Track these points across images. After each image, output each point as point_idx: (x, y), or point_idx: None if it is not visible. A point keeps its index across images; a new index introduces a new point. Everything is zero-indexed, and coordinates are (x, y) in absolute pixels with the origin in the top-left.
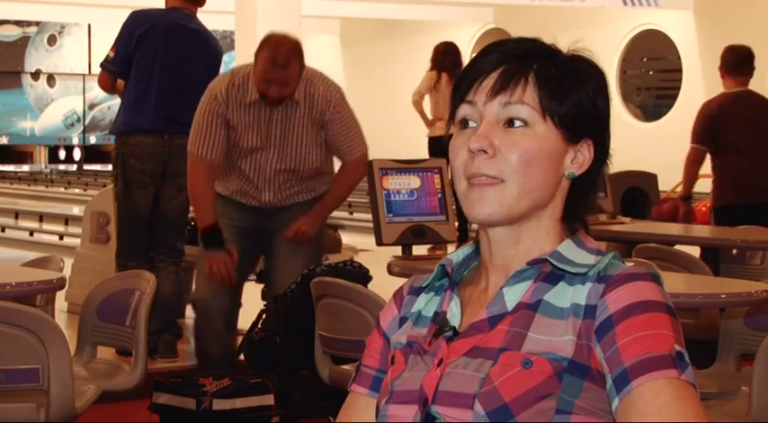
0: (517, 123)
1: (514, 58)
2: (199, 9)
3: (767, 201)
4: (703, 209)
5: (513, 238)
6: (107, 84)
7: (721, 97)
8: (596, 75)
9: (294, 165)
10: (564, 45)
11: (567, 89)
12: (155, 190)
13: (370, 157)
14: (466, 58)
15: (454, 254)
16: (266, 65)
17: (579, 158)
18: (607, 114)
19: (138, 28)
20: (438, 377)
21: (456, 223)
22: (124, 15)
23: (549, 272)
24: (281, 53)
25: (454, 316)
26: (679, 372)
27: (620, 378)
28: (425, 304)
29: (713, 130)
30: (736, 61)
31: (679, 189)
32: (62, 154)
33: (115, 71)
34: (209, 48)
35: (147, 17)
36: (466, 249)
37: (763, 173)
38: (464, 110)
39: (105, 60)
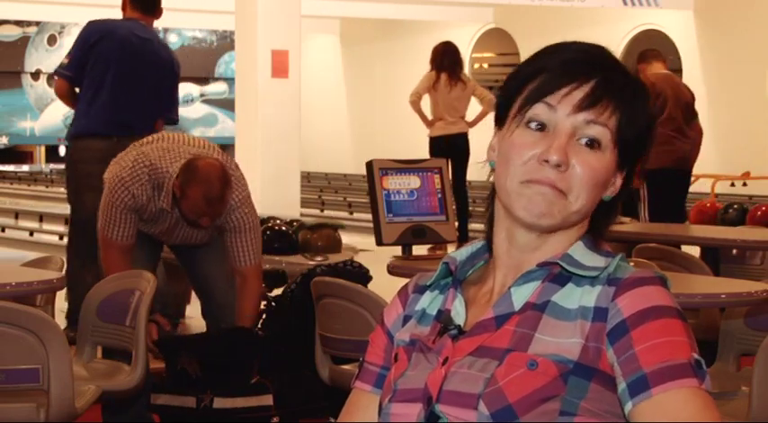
0: (592, 143)
1: (602, 72)
2: (198, 10)
3: (690, 168)
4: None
5: (535, 244)
6: (63, 90)
7: (652, 76)
8: (648, 98)
9: (195, 242)
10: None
11: (638, 116)
12: None
13: (370, 157)
14: (466, 58)
15: (458, 252)
16: (200, 202)
17: (616, 183)
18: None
19: (92, 36)
20: (443, 376)
21: (456, 223)
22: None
23: (557, 273)
24: (215, 188)
25: (458, 314)
26: (700, 381)
27: (638, 383)
28: (430, 302)
29: None
30: (654, 55)
31: None
32: (62, 154)
33: (70, 76)
34: (162, 58)
35: (103, 26)
36: (470, 247)
37: (688, 142)
38: (540, 110)
39: (60, 66)
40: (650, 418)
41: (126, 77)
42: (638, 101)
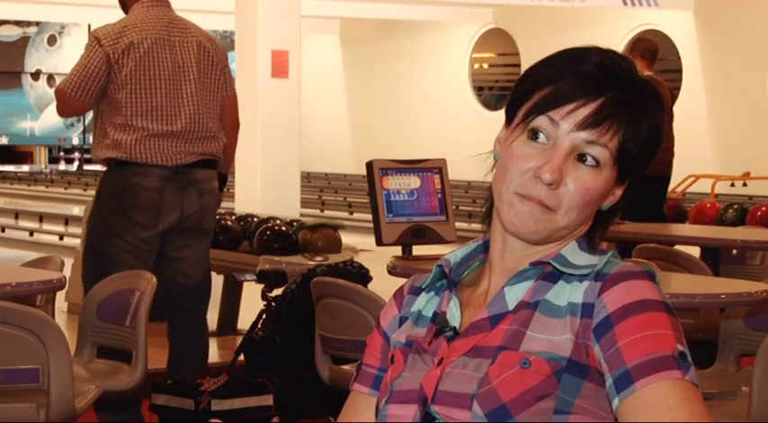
0: (589, 161)
1: (613, 90)
2: (198, 10)
3: (668, 174)
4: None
5: (528, 251)
6: None
7: None
8: (659, 109)
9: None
10: (564, 45)
11: (642, 129)
12: None
13: (370, 157)
14: (466, 58)
15: (452, 254)
16: None
17: (615, 193)
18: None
19: None
20: (438, 377)
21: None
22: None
23: (549, 271)
24: None
25: (454, 316)
26: (683, 372)
27: (623, 378)
28: (425, 304)
29: None
30: (645, 49)
31: (679, 189)
32: (62, 154)
33: None
34: None
35: None
36: (466, 248)
37: (663, 149)
38: (543, 123)
39: None
40: (633, 414)
41: None
42: (645, 114)
